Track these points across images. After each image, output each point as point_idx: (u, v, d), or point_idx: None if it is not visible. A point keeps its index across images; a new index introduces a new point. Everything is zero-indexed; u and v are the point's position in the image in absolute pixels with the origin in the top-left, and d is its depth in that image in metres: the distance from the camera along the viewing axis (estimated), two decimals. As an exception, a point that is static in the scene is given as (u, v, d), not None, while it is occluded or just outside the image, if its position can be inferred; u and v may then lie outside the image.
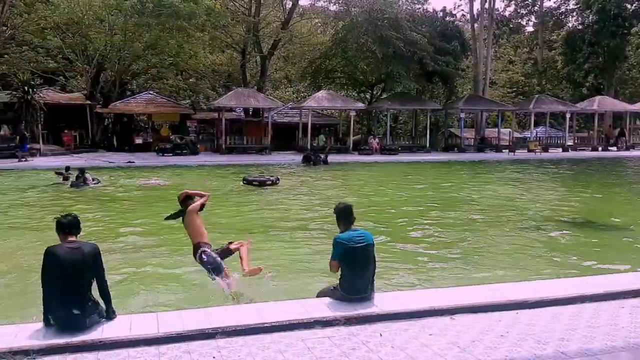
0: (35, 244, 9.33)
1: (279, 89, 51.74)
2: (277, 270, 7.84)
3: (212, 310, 5.62)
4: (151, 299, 6.80)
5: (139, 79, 42.40)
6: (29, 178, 20.32)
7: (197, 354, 4.54)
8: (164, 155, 29.60)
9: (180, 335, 4.86)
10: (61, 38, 35.05)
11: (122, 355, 4.54)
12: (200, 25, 32.60)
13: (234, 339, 4.85)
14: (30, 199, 15.65)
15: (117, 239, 10.09)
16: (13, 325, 5.14)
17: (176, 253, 8.79)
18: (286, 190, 17.40)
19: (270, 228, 11.33)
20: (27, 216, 12.82)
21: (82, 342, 4.71)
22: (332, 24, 40.67)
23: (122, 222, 11.93)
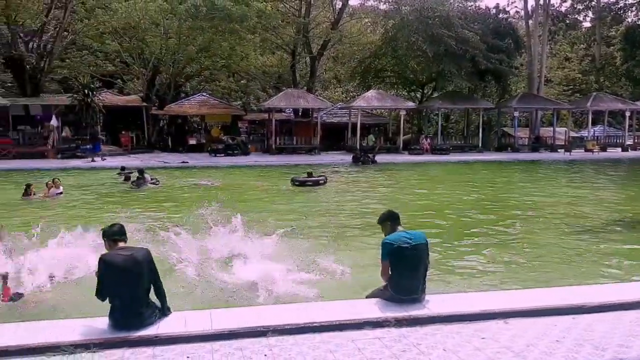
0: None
1: (328, 89, 51.85)
2: (328, 270, 7.87)
3: (263, 309, 5.71)
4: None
5: (192, 81, 43.42)
6: (88, 177, 21.13)
7: (249, 352, 4.62)
8: (216, 155, 30.18)
9: (233, 332, 4.95)
10: (119, 42, 36.30)
11: (177, 351, 4.66)
12: (251, 28, 33.06)
13: (285, 337, 4.91)
14: (95, 195, 16.29)
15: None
16: (75, 320, 5.37)
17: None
18: (335, 191, 17.43)
19: (320, 228, 11.37)
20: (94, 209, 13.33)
21: (139, 337, 4.88)
22: (382, 23, 40.43)
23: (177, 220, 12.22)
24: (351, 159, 27.12)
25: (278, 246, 9.15)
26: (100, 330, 5.00)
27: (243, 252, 8.48)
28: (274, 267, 8.12)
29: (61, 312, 6.22)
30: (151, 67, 35.24)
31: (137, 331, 4.96)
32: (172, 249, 8.36)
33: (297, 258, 8.69)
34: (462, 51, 34.78)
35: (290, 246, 9.43)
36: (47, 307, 6.50)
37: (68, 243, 8.36)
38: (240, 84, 45.26)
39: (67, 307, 6.47)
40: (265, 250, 8.72)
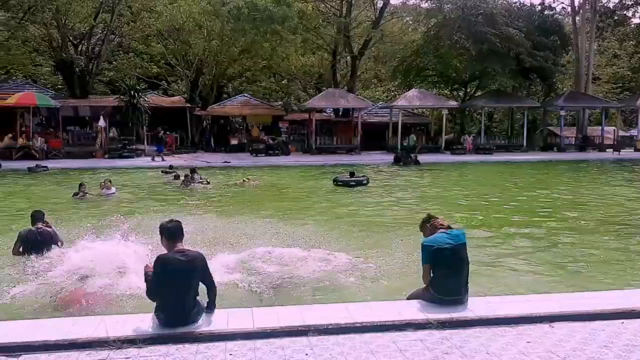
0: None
1: (369, 89, 51.67)
2: (371, 270, 7.87)
3: (305, 308, 5.74)
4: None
5: (234, 82, 44.01)
6: (136, 176, 21.70)
7: (290, 350, 4.65)
8: (257, 155, 30.49)
9: (275, 331, 4.99)
10: (164, 44, 37.16)
11: (220, 348, 4.73)
12: (292, 28, 33.25)
13: (326, 337, 4.91)
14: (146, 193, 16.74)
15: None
16: (123, 316, 5.53)
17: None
18: (377, 191, 17.34)
19: (361, 228, 11.35)
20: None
21: (184, 333, 4.97)
22: (424, 21, 40.05)
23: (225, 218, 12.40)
24: (392, 159, 26.95)
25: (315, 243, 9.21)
26: (147, 326, 5.12)
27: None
28: (314, 264, 8.17)
29: (112, 308, 6.41)
30: (194, 69, 35.89)
31: (181, 328, 5.06)
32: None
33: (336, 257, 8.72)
34: (506, 49, 34.11)
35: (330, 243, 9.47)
36: (97, 302, 6.70)
37: (125, 239, 8.55)
38: (281, 84, 45.63)
39: (116, 302, 6.65)
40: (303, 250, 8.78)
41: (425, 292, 5.73)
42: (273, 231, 10.69)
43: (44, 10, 31.76)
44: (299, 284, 7.36)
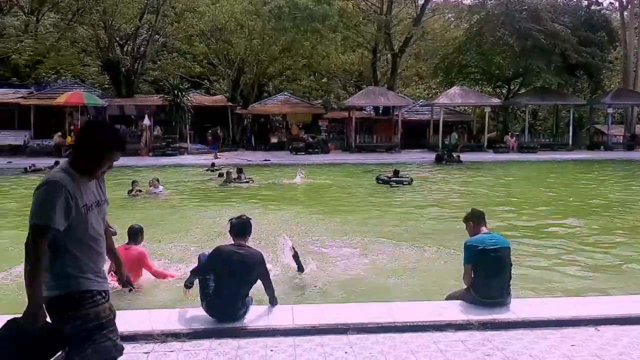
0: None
1: (410, 86, 51.25)
2: (412, 270, 7.84)
3: (345, 306, 5.77)
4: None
5: (274, 80, 44.35)
6: (181, 174, 22.13)
7: (330, 348, 4.67)
8: (297, 154, 30.65)
9: (314, 328, 5.02)
10: (206, 44, 37.78)
11: (260, 344, 4.79)
12: (333, 26, 33.28)
13: (365, 336, 4.92)
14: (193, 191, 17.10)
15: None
16: (167, 310, 5.66)
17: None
18: (419, 190, 17.17)
19: (404, 228, 11.29)
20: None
21: (226, 329, 5.06)
22: (466, 18, 39.45)
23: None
24: (434, 158, 26.65)
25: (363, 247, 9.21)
26: (190, 320, 5.24)
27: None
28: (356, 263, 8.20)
29: (158, 302, 6.58)
30: (236, 68, 36.34)
31: (226, 324, 5.17)
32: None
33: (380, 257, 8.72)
34: (551, 45, 33.26)
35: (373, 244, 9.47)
36: (143, 295, 6.89)
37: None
38: (321, 82, 45.72)
39: (163, 296, 6.83)
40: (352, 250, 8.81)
41: (466, 293, 5.67)
42: (317, 229, 10.77)
43: (92, 11, 32.73)
44: (340, 281, 7.39)
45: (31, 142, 30.38)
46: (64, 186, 2.97)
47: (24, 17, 37.82)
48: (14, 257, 7.93)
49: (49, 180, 3.01)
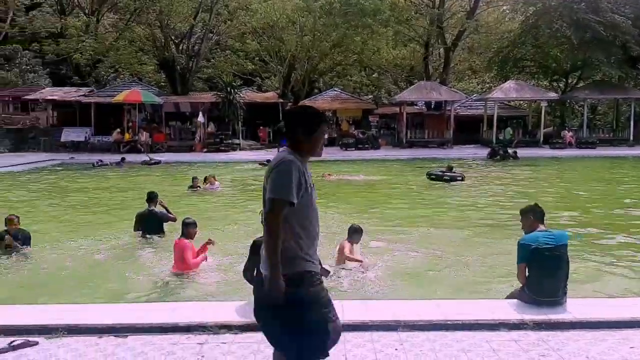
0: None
1: (463, 81, 50.29)
2: (461, 268, 7.74)
3: (396, 303, 5.74)
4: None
5: (325, 76, 44.41)
6: (234, 169, 22.56)
7: (380, 344, 4.67)
8: (347, 149, 30.65)
9: (364, 324, 5.03)
10: (258, 41, 38.26)
11: (311, 338, 4.84)
12: (384, 21, 33.03)
13: (416, 333, 4.89)
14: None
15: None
16: (221, 302, 5.81)
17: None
18: (473, 187, 16.83)
19: (458, 225, 11.14)
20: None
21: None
22: (522, 10, 38.30)
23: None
24: (487, 154, 26.08)
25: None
26: (243, 313, 5.34)
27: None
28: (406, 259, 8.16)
29: (212, 293, 6.75)
30: (287, 65, 36.61)
31: None
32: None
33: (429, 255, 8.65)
34: (611, 37, 31.88)
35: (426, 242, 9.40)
36: (198, 286, 7.08)
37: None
38: (372, 77, 45.47)
39: (217, 288, 7.00)
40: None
41: (522, 292, 5.55)
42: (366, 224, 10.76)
43: (149, 11, 33.68)
44: (391, 277, 7.38)
45: (92, 139, 31.61)
46: (297, 165, 3.19)
47: (85, 17, 39.32)
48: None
49: (285, 159, 3.20)
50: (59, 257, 8.80)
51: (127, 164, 24.13)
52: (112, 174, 21.67)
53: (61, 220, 12.48)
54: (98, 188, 17.89)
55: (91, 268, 8.31)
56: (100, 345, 4.74)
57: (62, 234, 10.75)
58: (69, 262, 8.56)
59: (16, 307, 5.74)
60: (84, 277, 7.86)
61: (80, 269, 8.25)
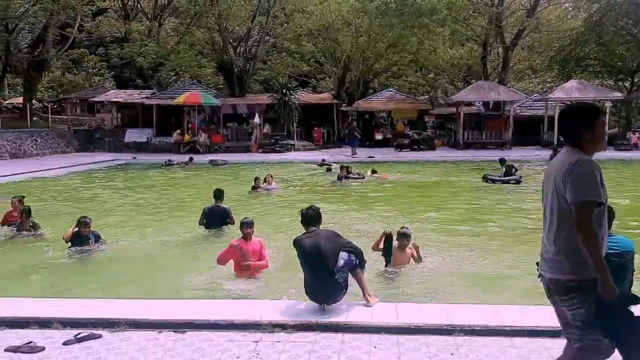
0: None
1: (522, 80, 48.94)
2: (520, 272, 7.55)
3: (451, 307, 5.66)
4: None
5: (380, 77, 44.21)
6: (290, 170, 22.80)
7: (435, 349, 4.62)
8: (401, 150, 30.41)
9: (419, 327, 4.99)
10: (314, 43, 38.54)
11: (364, 339, 4.84)
12: (441, 21, 32.59)
13: (473, 338, 4.81)
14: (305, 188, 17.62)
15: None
16: (276, 301, 5.89)
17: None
18: (531, 189, 16.33)
19: (518, 228, 10.87)
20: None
21: (331, 322, 5.18)
22: (585, 7, 36.95)
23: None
24: (550, 156, 25.20)
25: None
26: (297, 312, 5.42)
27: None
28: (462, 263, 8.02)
29: (267, 292, 6.85)
30: (342, 66, 36.68)
31: (326, 305, 5.47)
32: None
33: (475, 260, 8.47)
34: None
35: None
36: (253, 285, 7.19)
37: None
38: (428, 78, 44.95)
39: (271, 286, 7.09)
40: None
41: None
42: (420, 227, 10.66)
43: (208, 15, 34.48)
44: (445, 279, 7.28)
45: (153, 140, 32.67)
46: (596, 163, 3.19)
47: (148, 22, 40.71)
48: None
49: (581, 160, 3.18)
50: (126, 253, 9.19)
51: (193, 164, 24.90)
52: (180, 174, 22.55)
53: (131, 216, 13.01)
54: (168, 185, 18.78)
55: (154, 263, 8.63)
56: (160, 340, 4.90)
57: (132, 228, 11.29)
58: (133, 257, 8.94)
59: (82, 301, 6.01)
60: (147, 272, 8.16)
61: (143, 264, 8.58)
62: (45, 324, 5.24)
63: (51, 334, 5.06)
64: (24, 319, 5.33)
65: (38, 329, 5.17)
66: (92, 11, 41.91)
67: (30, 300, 5.89)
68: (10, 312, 5.51)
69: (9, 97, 45.52)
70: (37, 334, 5.06)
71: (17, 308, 5.66)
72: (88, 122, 39.51)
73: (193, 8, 36.18)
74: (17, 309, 5.59)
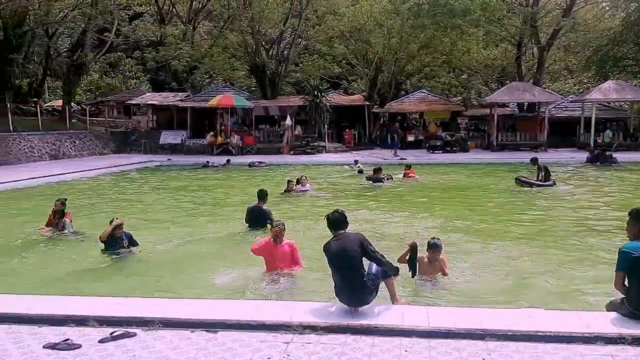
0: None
1: (558, 81, 48.01)
2: (553, 276, 7.43)
3: (482, 311, 5.61)
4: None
5: (412, 78, 43.97)
6: (321, 171, 22.88)
7: (467, 353, 4.59)
8: (434, 152, 30.16)
9: (450, 332, 4.96)
10: (345, 45, 38.57)
11: (395, 343, 4.83)
12: (474, 21, 32.23)
13: (505, 343, 4.76)
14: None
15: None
16: (308, 303, 5.92)
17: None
18: (571, 192, 15.96)
19: (553, 231, 10.68)
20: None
21: (361, 325, 5.18)
22: (623, 6, 36.06)
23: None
24: (587, 158, 24.64)
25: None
26: (327, 314, 5.44)
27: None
28: (496, 268, 7.93)
29: (300, 293, 6.90)
30: (374, 67, 36.60)
31: (356, 308, 5.47)
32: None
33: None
34: None
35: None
36: (285, 286, 7.25)
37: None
38: (461, 79, 44.50)
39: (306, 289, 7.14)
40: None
41: (621, 304, 5.24)
42: (450, 230, 10.58)
43: (241, 18, 34.86)
44: (476, 283, 7.21)
45: (187, 141, 33.17)
46: None
47: (182, 26, 41.38)
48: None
49: None
50: (159, 252, 9.41)
51: (231, 166, 25.41)
52: (217, 174, 23.02)
53: (167, 216, 13.28)
54: (204, 186, 19.17)
55: (187, 262, 8.77)
56: (193, 339, 4.99)
57: (168, 228, 11.53)
58: (166, 257, 9.13)
59: (116, 299, 6.15)
60: (180, 271, 8.30)
61: (176, 263, 8.73)
62: (81, 321, 5.39)
63: (87, 331, 5.20)
64: (61, 316, 5.49)
65: (75, 327, 5.32)
66: (128, 15, 42.83)
67: (66, 298, 6.05)
68: (47, 309, 5.67)
69: (49, 100, 46.89)
70: (74, 331, 5.21)
71: (55, 305, 5.83)
72: (124, 124, 40.36)
73: (226, 11, 36.63)
74: (54, 307, 5.76)
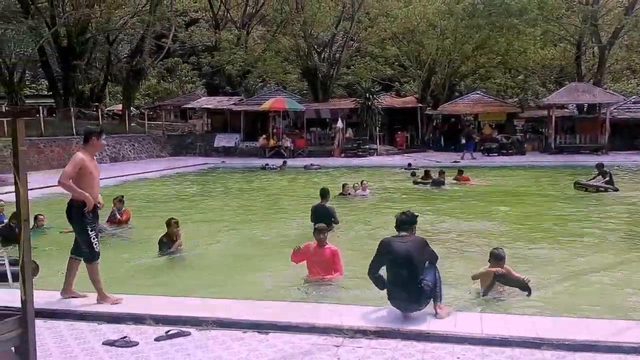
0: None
1: (620, 81, 46.06)
2: (612, 285, 7.14)
3: (538, 319, 5.45)
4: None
5: (466, 79, 43.23)
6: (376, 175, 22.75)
7: (521, 362, 4.48)
8: (489, 154, 29.54)
9: (504, 339, 4.84)
10: (398, 47, 38.33)
11: (447, 350, 4.76)
12: (531, 21, 31.42)
13: (561, 353, 4.61)
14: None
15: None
16: (359, 307, 5.91)
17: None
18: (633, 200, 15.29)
19: (611, 239, 10.29)
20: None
21: (411, 331, 5.12)
22: (691, 1, 34.26)
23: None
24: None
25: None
26: (378, 319, 5.41)
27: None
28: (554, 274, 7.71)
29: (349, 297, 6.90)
30: (427, 69, 36.21)
31: (408, 313, 5.39)
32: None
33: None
34: None
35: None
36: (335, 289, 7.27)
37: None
38: (517, 80, 43.40)
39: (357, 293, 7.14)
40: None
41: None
42: (508, 235, 10.34)
43: (294, 22, 35.21)
44: (534, 292, 7.00)
45: (240, 144, 33.75)
46: None
47: (236, 31, 42.15)
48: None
49: None
50: (214, 253, 9.64)
51: (287, 168, 25.94)
52: (274, 176, 23.58)
53: (224, 216, 13.62)
54: (261, 188, 19.71)
55: (241, 263, 8.94)
56: (245, 340, 5.07)
57: (226, 229, 11.77)
58: (220, 257, 9.35)
59: (172, 299, 6.32)
60: (234, 271, 8.46)
61: (230, 264, 8.90)
62: (139, 319, 5.57)
63: (144, 329, 5.37)
64: (120, 314, 5.70)
65: (132, 325, 5.50)
66: (185, 22, 44.00)
67: (125, 297, 6.27)
68: (106, 307, 5.90)
69: (110, 105, 48.72)
70: (132, 329, 5.39)
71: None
72: (181, 128, 41.48)
73: (279, 16, 37.09)
74: (113, 305, 5.97)
